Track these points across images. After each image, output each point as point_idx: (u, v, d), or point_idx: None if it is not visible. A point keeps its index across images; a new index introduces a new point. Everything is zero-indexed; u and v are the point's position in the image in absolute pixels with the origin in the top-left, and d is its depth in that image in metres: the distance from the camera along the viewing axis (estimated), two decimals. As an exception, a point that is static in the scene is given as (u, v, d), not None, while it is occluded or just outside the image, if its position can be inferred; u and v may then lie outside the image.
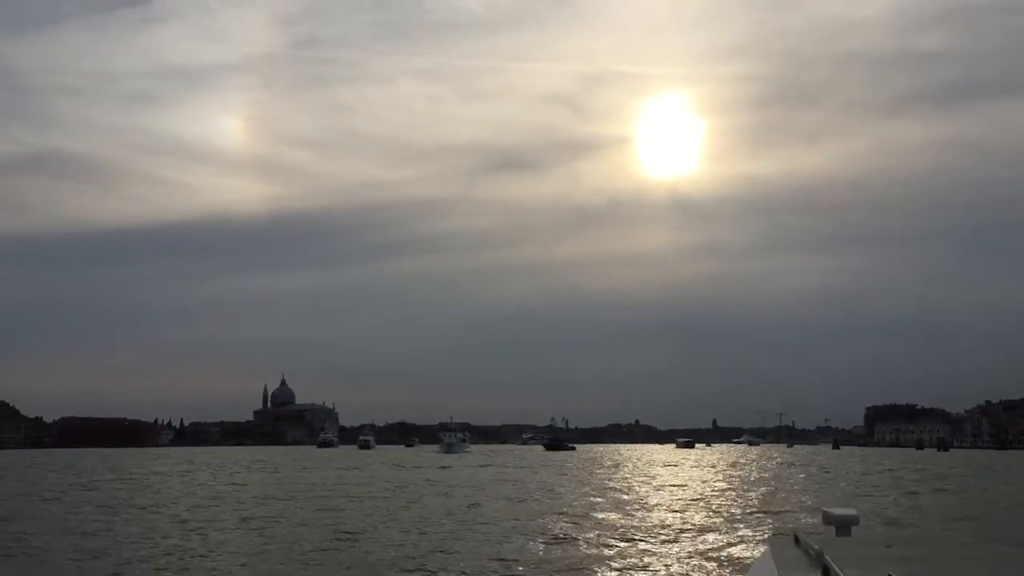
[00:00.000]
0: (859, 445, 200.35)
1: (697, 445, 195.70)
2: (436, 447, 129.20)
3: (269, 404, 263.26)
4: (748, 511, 29.27)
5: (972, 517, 27.63)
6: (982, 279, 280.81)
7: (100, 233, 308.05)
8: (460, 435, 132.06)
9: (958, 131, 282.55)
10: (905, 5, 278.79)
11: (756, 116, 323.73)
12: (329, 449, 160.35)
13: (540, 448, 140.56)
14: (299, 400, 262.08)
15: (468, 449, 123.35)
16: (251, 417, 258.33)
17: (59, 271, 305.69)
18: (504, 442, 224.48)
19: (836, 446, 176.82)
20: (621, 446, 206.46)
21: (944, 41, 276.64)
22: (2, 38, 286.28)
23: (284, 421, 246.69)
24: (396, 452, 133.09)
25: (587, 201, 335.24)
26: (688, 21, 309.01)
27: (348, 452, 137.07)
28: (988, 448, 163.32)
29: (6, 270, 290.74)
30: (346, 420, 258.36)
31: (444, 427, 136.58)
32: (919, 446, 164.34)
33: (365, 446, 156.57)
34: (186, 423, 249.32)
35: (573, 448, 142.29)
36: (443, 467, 69.33)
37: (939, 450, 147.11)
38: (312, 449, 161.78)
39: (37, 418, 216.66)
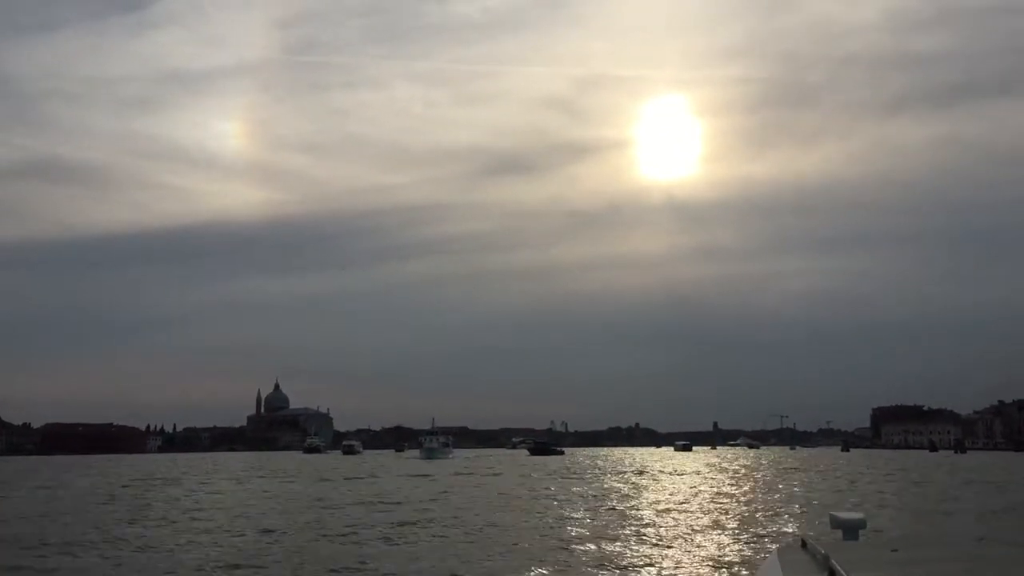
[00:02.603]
0: (866, 447, 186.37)
1: (700, 448, 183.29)
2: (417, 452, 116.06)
3: (262, 409, 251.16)
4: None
5: None
6: (982, 279, 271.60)
7: (97, 238, 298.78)
8: (443, 439, 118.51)
9: (956, 131, 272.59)
10: (901, 6, 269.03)
11: (754, 118, 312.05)
12: (315, 455, 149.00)
13: (526, 452, 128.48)
14: (294, 405, 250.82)
15: (451, 455, 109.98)
16: (245, 423, 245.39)
17: (55, 277, 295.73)
18: (501, 446, 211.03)
19: (846, 448, 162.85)
20: (618, 449, 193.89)
21: (941, 42, 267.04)
22: (0, 45, 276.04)
23: (277, 426, 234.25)
24: (379, 457, 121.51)
25: (585, 204, 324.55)
26: (685, 23, 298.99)
27: (333, 458, 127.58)
28: (1004, 450, 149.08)
29: (2, 277, 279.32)
30: (343, 425, 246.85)
31: (429, 432, 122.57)
32: (932, 448, 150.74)
33: (350, 451, 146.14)
34: (180, 429, 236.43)
35: (561, 452, 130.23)
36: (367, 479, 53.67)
37: (956, 452, 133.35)
38: (298, 455, 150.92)
39: (25, 424, 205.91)
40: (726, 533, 21.37)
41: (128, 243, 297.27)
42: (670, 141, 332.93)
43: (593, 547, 18.67)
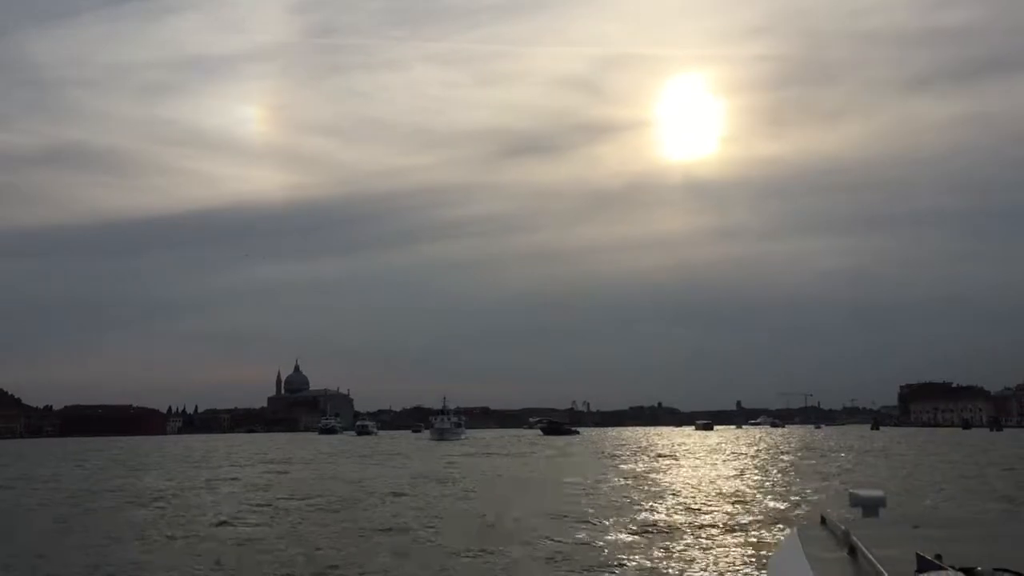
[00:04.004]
0: (894, 425, 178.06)
1: (723, 427, 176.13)
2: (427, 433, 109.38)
3: (282, 390, 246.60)
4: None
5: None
6: (1007, 257, 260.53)
7: (119, 223, 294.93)
8: (454, 419, 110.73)
9: (981, 108, 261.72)
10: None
11: (774, 96, 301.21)
12: (330, 435, 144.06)
13: (538, 433, 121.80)
14: (315, 386, 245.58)
15: (463, 436, 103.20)
16: (265, 404, 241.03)
17: (78, 262, 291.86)
18: (521, 426, 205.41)
19: (875, 426, 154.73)
20: (638, 429, 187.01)
21: (965, 17, 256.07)
22: (20, 32, 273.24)
23: (298, 407, 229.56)
24: (390, 440, 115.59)
25: (605, 184, 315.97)
26: (704, 1, 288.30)
27: (347, 439, 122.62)
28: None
29: (28, 262, 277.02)
30: (364, 406, 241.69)
31: (441, 412, 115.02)
32: (966, 425, 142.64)
33: (364, 432, 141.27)
34: (201, 411, 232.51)
35: (576, 433, 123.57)
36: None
37: (992, 430, 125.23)
38: (313, 436, 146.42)
39: (47, 407, 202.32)
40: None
41: (150, 227, 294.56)
42: (690, 120, 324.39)
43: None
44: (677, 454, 56.92)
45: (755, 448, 66.89)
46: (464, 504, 24.34)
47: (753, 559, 13.85)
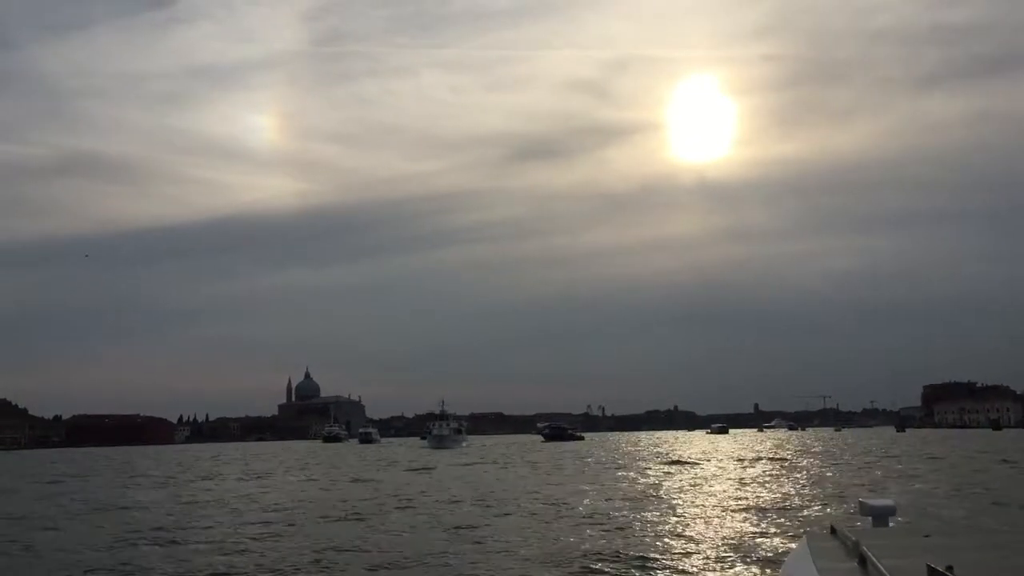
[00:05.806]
0: (917, 427, 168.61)
1: (741, 430, 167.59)
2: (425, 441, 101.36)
3: (293, 398, 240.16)
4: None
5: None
6: (1022, 255, 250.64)
7: (130, 232, 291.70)
8: (454, 425, 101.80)
9: (992, 105, 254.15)
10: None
11: (786, 96, 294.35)
12: (334, 443, 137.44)
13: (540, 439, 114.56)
14: (329, 393, 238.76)
15: (464, 443, 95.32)
16: (276, 412, 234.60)
17: (90, 272, 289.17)
18: (531, 432, 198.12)
19: (901, 428, 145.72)
20: (654, 433, 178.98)
21: (975, 14, 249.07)
22: (33, 43, 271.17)
23: (308, 415, 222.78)
24: (390, 447, 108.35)
25: (616, 187, 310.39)
26: (712, 2, 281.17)
27: (351, 447, 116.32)
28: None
29: (40, 272, 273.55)
30: (377, 412, 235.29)
31: (439, 417, 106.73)
32: (996, 426, 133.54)
33: (367, 440, 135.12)
34: (212, 419, 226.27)
35: (581, 438, 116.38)
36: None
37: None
38: (318, 444, 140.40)
39: (56, 417, 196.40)
40: None
41: (161, 236, 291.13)
42: (700, 122, 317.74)
43: None
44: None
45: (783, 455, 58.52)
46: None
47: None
